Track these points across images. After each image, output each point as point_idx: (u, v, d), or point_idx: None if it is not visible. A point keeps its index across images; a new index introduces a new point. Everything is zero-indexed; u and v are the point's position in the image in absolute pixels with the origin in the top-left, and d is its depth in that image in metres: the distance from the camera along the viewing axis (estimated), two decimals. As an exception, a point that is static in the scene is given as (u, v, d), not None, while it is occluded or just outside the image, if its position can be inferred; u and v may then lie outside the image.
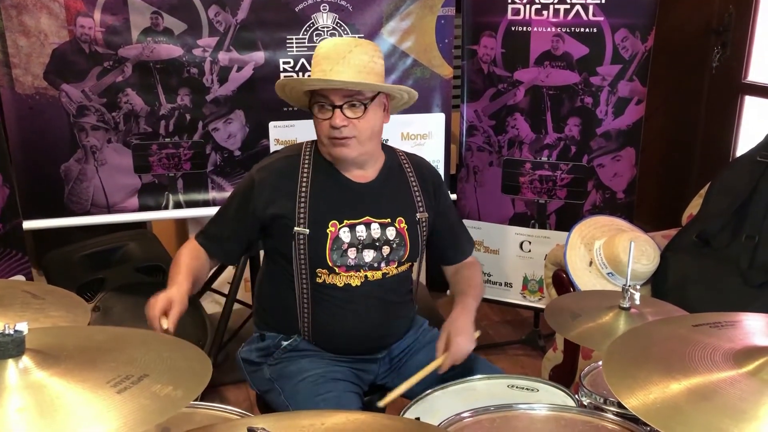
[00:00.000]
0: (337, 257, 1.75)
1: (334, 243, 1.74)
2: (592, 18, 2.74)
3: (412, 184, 1.87)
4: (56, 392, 0.89)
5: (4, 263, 2.29)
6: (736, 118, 3.42)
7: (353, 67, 1.69)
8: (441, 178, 1.99)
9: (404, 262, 1.84)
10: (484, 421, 1.36)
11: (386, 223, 1.80)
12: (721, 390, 0.98)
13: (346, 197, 1.79)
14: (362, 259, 1.77)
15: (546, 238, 3.02)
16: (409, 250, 1.82)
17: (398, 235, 1.81)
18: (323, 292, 1.77)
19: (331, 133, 1.72)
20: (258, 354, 1.87)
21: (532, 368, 3.01)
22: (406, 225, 1.82)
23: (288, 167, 1.80)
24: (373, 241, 1.78)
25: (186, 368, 1.02)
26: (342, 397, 1.71)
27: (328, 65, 1.70)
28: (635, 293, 1.50)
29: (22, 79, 2.44)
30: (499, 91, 2.94)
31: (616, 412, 1.39)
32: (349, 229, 1.76)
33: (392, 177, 1.86)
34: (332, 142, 1.73)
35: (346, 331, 1.80)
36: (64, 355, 0.95)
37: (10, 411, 0.84)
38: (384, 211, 1.81)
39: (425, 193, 1.88)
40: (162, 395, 0.91)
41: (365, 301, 1.79)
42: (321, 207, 1.76)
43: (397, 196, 1.85)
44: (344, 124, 1.70)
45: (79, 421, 0.85)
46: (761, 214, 2.24)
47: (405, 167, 1.89)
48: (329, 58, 1.71)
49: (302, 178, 1.78)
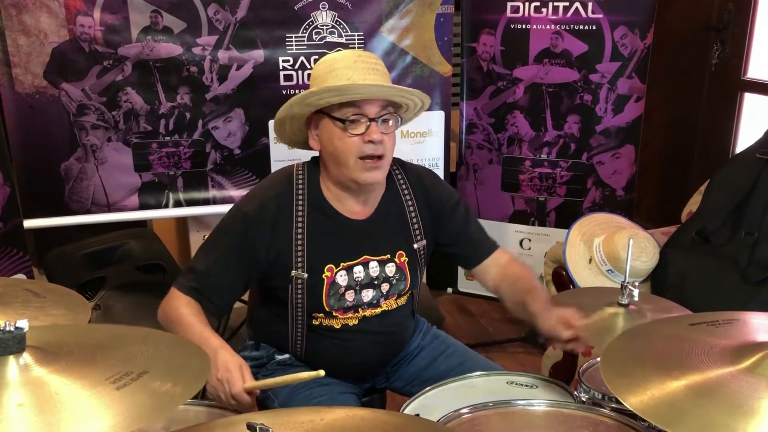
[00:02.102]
0: (334, 302, 1.63)
1: (331, 288, 1.61)
2: (591, 15, 2.74)
3: (410, 213, 1.69)
4: (56, 389, 0.89)
5: (5, 262, 2.29)
6: (735, 115, 3.42)
7: (384, 76, 1.53)
8: (454, 198, 1.76)
9: (404, 294, 1.72)
10: (482, 417, 1.36)
11: (385, 259, 1.66)
12: (719, 386, 0.98)
13: (343, 238, 1.63)
14: (360, 299, 1.65)
15: (546, 235, 3.03)
16: (410, 282, 1.71)
17: (398, 270, 1.68)
18: (319, 332, 1.67)
19: (364, 150, 1.51)
20: (252, 364, 1.74)
21: (532, 366, 3.01)
22: (407, 258, 1.68)
23: (283, 206, 1.60)
24: (371, 281, 1.65)
25: (185, 365, 1.02)
26: (337, 399, 1.67)
27: (359, 73, 1.50)
28: (634, 290, 1.50)
29: (22, 78, 2.44)
30: (499, 88, 2.94)
31: (614, 407, 1.39)
32: (346, 272, 1.62)
33: (390, 209, 1.68)
34: (364, 165, 1.53)
35: (343, 363, 1.70)
36: (64, 352, 0.96)
37: (10, 407, 0.85)
38: (383, 247, 1.66)
39: (424, 220, 1.71)
40: (161, 392, 0.91)
41: (363, 338, 1.69)
42: (317, 250, 1.60)
43: (395, 229, 1.68)
44: (382, 138, 1.51)
45: (78, 417, 0.85)
46: (760, 210, 2.24)
47: (403, 192, 1.70)
48: (354, 66, 1.51)
49: (297, 218, 1.59)
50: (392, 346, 1.78)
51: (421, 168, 1.80)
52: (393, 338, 1.76)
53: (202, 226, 3.19)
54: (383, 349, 1.75)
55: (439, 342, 1.87)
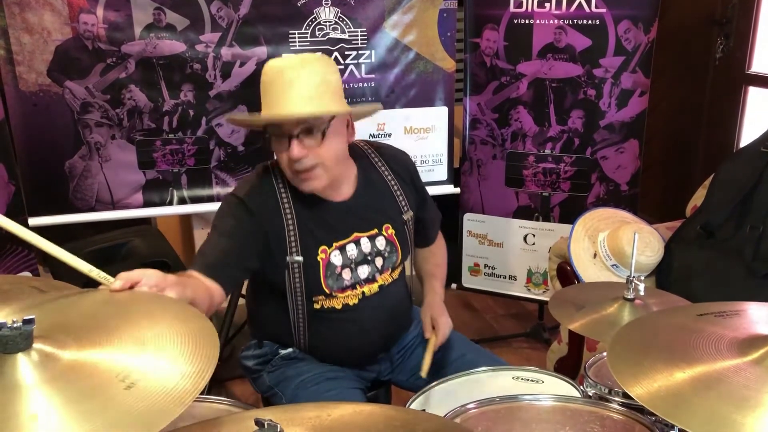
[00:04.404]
0: (332, 282, 1.69)
1: (327, 269, 1.68)
2: (595, 10, 2.73)
3: (392, 185, 1.79)
4: (63, 387, 0.89)
5: (11, 260, 2.30)
6: (739, 109, 3.42)
7: (305, 91, 1.54)
8: (414, 165, 1.88)
9: (397, 267, 1.81)
10: (489, 412, 1.36)
11: (374, 234, 1.74)
12: (726, 378, 0.98)
13: (330, 219, 1.69)
14: (357, 277, 1.72)
15: (550, 230, 3.02)
16: (401, 253, 1.79)
17: (388, 243, 1.76)
18: (321, 316, 1.72)
19: (292, 165, 1.59)
20: (256, 362, 1.83)
21: (537, 361, 3.01)
22: (395, 230, 1.77)
23: (269, 196, 1.67)
24: (365, 257, 1.72)
25: (194, 354, 1.00)
26: (344, 393, 1.69)
27: (275, 95, 1.56)
28: (640, 284, 1.50)
29: (25, 77, 2.44)
30: (502, 84, 2.93)
31: (621, 402, 1.39)
32: (339, 251, 1.69)
33: (370, 185, 1.76)
34: (296, 176, 1.61)
35: (347, 346, 1.76)
36: (70, 342, 0.95)
37: (17, 408, 0.84)
38: (370, 222, 1.74)
39: (406, 190, 1.81)
40: (169, 388, 0.91)
41: (365, 315, 1.75)
42: (308, 233, 1.66)
43: (379, 203, 1.77)
44: (302, 155, 1.56)
45: (84, 419, 0.85)
46: (765, 204, 2.24)
47: (380, 168, 1.79)
48: (274, 85, 1.57)
49: (284, 206, 1.66)
50: (394, 325, 1.84)
51: (388, 145, 1.91)
52: (393, 315, 1.82)
53: (206, 223, 3.20)
54: (386, 328, 1.80)
55: None
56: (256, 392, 1.93)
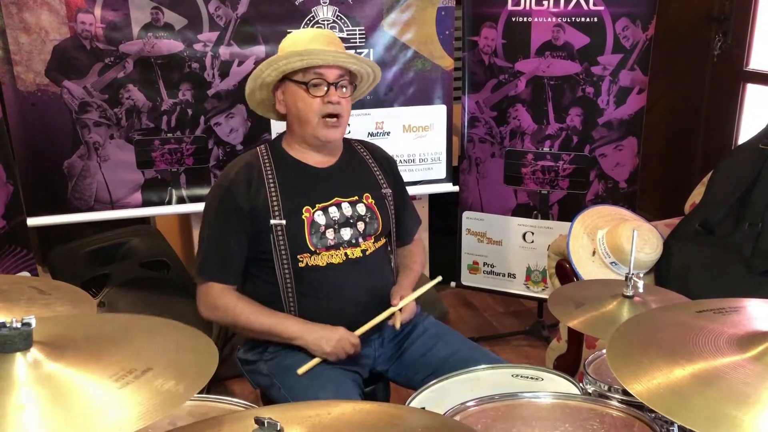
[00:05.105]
0: (317, 240, 1.79)
1: (312, 227, 1.79)
2: (593, 7, 2.73)
3: (371, 164, 1.96)
4: (61, 386, 0.89)
5: (9, 260, 2.29)
6: (737, 106, 3.42)
7: (341, 48, 1.79)
8: (396, 164, 2.06)
9: (379, 237, 1.90)
10: (489, 409, 1.36)
11: (355, 200, 1.86)
12: (725, 375, 0.98)
13: (313, 183, 1.84)
14: (341, 237, 1.82)
15: (549, 228, 3.03)
16: (382, 223, 1.89)
17: (368, 210, 1.87)
18: (306, 275, 1.80)
19: (325, 109, 1.76)
20: (254, 352, 1.88)
21: (536, 359, 3.01)
22: (374, 200, 1.89)
23: (252, 169, 1.82)
24: (347, 219, 1.83)
25: (190, 362, 1.02)
26: (340, 386, 1.72)
27: (320, 44, 1.75)
28: (639, 281, 1.50)
29: (23, 76, 2.44)
30: (501, 82, 2.94)
31: (620, 399, 1.39)
32: (322, 212, 1.81)
33: (352, 160, 1.94)
34: (325, 122, 1.78)
35: (333, 308, 1.81)
36: (70, 347, 0.96)
37: (15, 405, 0.84)
38: (350, 189, 1.87)
39: (384, 172, 1.96)
40: (163, 390, 0.91)
41: (348, 278, 1.83)
42: (291, 196, 1.80)
43: (359, 175, 1.92)
44: (340, 101, 1.76)
45: (82, 415, 0.85)
46: (764, 201, 2.24)
47: (361, 152, 1.98)
48: (317, 39, 1.77)
49: (267, 175, 1.81)
50: (376, 288, 1.88)
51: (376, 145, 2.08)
52: (376, 285, 1.89)
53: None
54: (369, 295, 1.86)
55: (437, 329, 1.94)
56: (255, 389, 1.94)
